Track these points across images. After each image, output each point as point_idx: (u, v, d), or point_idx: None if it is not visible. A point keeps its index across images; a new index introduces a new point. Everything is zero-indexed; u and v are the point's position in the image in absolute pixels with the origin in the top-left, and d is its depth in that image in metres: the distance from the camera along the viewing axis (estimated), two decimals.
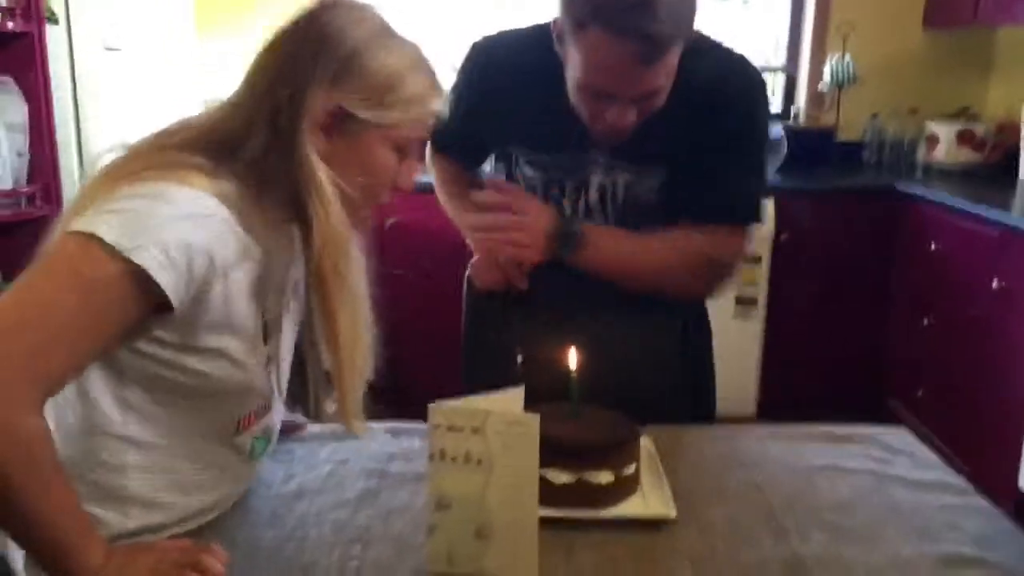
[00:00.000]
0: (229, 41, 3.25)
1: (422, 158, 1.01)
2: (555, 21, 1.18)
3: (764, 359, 3.10)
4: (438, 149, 1.49)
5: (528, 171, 1.35)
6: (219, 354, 0.92)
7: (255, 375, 0.98)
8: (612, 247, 1.27)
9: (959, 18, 3.20)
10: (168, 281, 0.82)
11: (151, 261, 0.80)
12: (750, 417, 3.09)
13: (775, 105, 3.67)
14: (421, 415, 0.92)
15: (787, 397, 3.06)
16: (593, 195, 1.31)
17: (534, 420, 0.89)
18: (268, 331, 0.98)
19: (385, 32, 0.96)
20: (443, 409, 0.91)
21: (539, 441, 0.89)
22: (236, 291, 0.91)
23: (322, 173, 0.92)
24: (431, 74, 0.99)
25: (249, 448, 1.03)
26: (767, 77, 3.67)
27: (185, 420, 0.95)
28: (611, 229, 1.31)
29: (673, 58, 1.12)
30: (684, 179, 1.27)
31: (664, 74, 1.13)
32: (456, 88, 1.39)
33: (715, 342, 1.57)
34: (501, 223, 1.25)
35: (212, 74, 3.00)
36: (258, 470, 1.09)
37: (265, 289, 0.95)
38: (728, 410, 2.95)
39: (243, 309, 0.93)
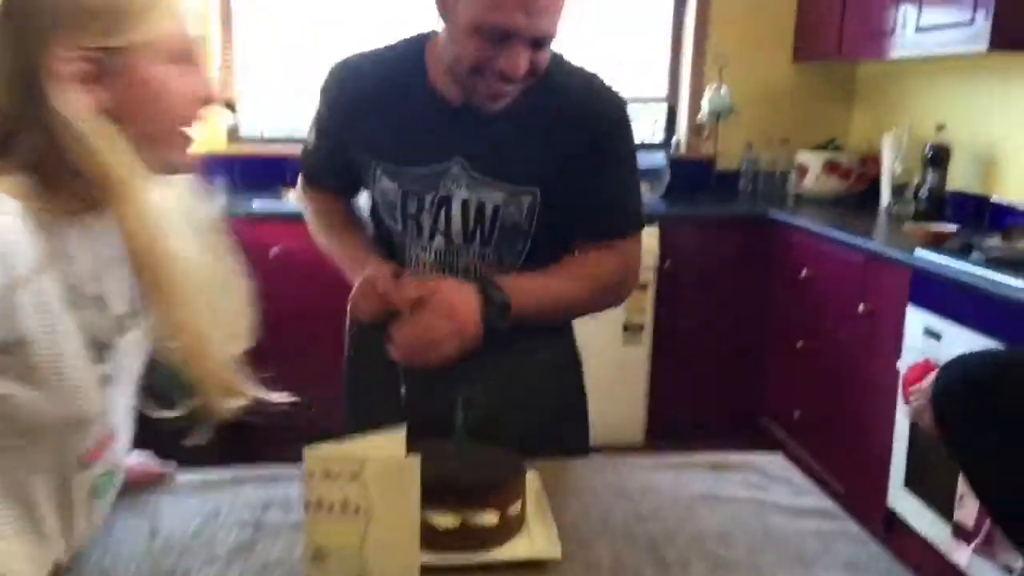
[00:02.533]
0: None
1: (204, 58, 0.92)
2: None
3: (651, 385, 3.17)
4: (309, 181, 1.44)
5: (386, 183, 1.30)
6: (23, 378, 0.81)
7: (88, 400, 0.87)
8: (533, 305, 1.25)
9: (824, 52, 3.40)
10: None
11: None
12: (639, 444, 3.15)
13: (658, 135, 3.80)
14: (299, 456, 0.88)
15: (674, 422, 3.14)
16: (455, 210, 1.28)
17: (414, 463, 0.86)
18: (101, 347, 0.88)
19: None
20: (318, 454, 0.87)
21: (420, 484, 0.86)
22: (34, 307, 0.81)
23: (90, 131, 0.82)
24: None
25: (92, 487, 0.94)
26: (651, 108, 3.80)
27: (11, 460, 0.85)
28: (526, 281, 1.27)
29: (562, 5, 1.14)
30: (565, 203, 1.28)
31: (557, 18, 1.15)
32: (319, 114, 1.37)
33: (604, 370, 1.59)
34: (434, 337, 1.16)
35: None
36: (115, 523, 1.01)
37: (80, 299, 0.86)
38: (617, 437, 3.04)
39: (53, 325, 0.82)
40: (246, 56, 3.46)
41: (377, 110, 1.28)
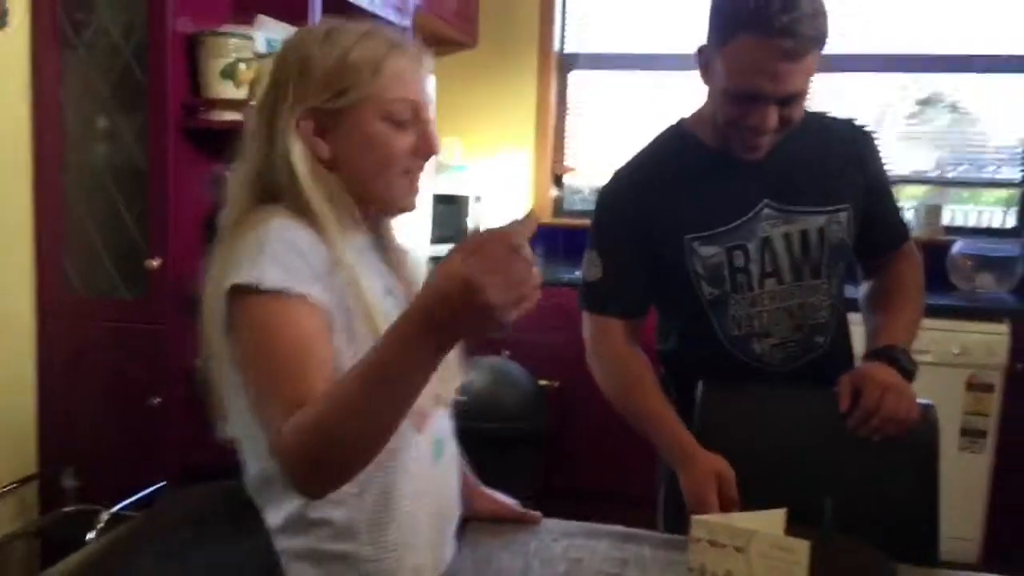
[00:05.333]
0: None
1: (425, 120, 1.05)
2: (699, 51, 1.30)
3: (992, 499, 2.82)
4: (597, 311, 1.43)
5: (705, 251, 1.36)
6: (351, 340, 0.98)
7: None
8: (910, 340, 1.36)
9: None
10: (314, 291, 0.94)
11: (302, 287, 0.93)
12: (972, 564, 2.80)
13: (1009, 222, 3.43)
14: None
15: (1017, 546, 2.75)
16: (779, 247, 1.37)
17: (804, 547, 0.86)
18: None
19: (329, 30, 1.02)
20: (706, 523, 0.90)
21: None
22: (348, 284, 0.98)
23: (308, 177, 1.00)
24: (383, 36, 1.03)
25: (433, 450, 1.09)
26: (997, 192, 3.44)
27: None
28: (893, 326, 1.38)
29: (811, 62, 1.22)
30: (865, 220, 1.42)
31: (803, 77, 1.22)
32: (600, 240, 1.42)
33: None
34: (885, 411, 1.27)
35: None
36: (491, 559, 1.12)
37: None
38: (948, 552, 2.71)
39: (364, 300, 0.98)
40: (577, 133, 3.71)
41: (670, 190, 1.38)
